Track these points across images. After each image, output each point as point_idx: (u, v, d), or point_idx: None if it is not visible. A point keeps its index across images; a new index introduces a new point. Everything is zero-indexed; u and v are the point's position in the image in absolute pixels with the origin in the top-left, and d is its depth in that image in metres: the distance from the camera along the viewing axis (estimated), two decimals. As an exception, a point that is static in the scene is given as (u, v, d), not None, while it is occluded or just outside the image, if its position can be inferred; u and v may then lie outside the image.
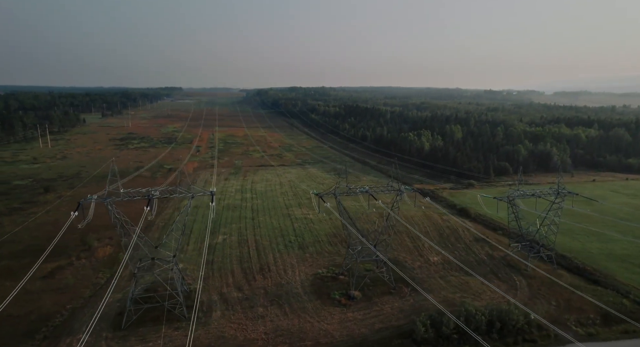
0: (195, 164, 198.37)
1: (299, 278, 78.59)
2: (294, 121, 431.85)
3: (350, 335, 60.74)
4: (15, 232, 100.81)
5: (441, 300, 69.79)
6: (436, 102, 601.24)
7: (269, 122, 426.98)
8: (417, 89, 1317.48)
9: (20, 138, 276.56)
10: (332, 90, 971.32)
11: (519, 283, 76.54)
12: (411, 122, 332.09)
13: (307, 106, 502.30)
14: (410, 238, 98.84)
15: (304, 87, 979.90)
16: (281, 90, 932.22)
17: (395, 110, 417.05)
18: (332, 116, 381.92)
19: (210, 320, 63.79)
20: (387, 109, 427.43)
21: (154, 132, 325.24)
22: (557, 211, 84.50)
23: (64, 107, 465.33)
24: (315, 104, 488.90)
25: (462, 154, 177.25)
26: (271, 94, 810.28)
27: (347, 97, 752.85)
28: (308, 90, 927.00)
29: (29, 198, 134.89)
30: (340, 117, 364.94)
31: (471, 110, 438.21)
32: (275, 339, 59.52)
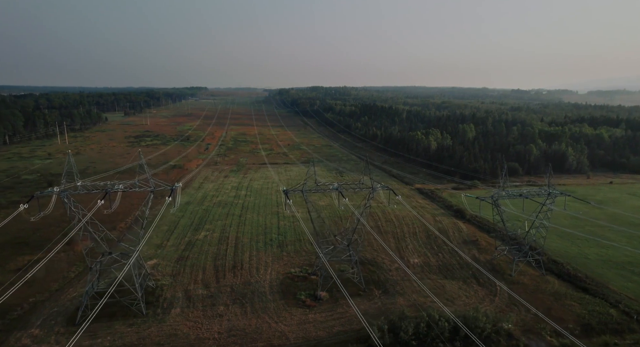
0: (200, 161, 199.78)
1: (269, 277, 76.67)
2: (308, 120, 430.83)
3: (306, 338, 58.32)
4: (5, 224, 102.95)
5: (410, 304, 66.52)
6: (458, 102, 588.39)
7: (283, 121, 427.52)
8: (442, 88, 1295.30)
9: (41, 135, 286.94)
10: (353, 90, 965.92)
11: (499, 289, 71.97)
12: (427, 122, 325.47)
13: (325, 105, 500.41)
14: (395, 239, 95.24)
15: (325, 87, 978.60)
16: (302, 90, 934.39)
17: (412, 110, 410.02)
18: (347, 115, 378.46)
19: (168, 317, 62.67)
20: (404, 108, 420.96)
21: (170, 130, 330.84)
22: (547, 212, 79.15)
23: (89, 106, 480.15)
24: (333, 104, 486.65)
25: (469, 154, 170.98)
26: (292, 94, 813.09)
27: (367, 96, 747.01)
28: (329, 89, 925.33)
29: (31, 192, 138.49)
30: (354, 116, 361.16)
31: (493, 109, 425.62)
32: (228, 339, 57.78)
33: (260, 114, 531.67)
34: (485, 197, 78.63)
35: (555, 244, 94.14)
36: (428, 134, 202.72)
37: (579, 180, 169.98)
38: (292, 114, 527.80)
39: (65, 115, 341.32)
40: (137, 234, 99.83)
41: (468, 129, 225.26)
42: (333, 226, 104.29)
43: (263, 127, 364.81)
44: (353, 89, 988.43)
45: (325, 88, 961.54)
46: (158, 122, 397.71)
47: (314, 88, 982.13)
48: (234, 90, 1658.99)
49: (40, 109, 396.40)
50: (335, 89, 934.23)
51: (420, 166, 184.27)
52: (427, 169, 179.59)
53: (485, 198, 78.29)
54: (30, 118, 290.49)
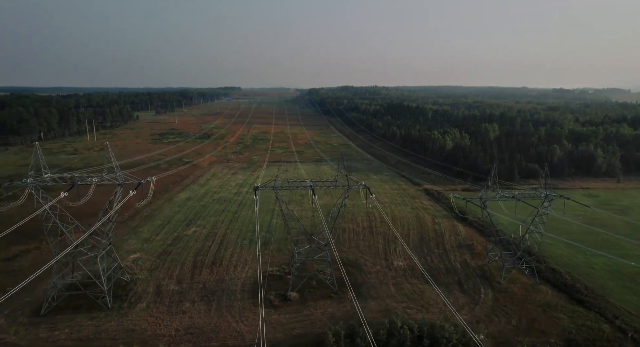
0: (214, 158, 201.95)
1: (244, 275, 75.14)
2: (333, 120, 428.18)
3: (267, 340, 56.10)
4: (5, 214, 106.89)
5: (381, 309, 63.03)
6: (490, 101, 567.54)
7: (307, 121, 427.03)
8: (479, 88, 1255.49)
9: (74, 132, 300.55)
10: (384, 90, 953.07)
11: (484, 297, 66.97)
12: (452, 121, 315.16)
13: (351, 105, 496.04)
14: (386, 240, 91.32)
15: (355, 87, 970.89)
16: (332, 90, 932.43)
17: (439, 109, 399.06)
18: (371, 115, 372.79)
19: (131, 312, 62.34)
20: (431, 108, 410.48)
21: (194, 128, 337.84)
22: (543, 217, 73.09)
23: (123, 105, 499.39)
24: (359, 103, 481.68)
25: (485, 154, 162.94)
26: (321, 94, 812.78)
27: (398, 96, 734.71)
28: (359, 89, 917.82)
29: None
30: (378, 116, 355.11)
31: (526, 109, 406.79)
32: (183, 336, 56.63)
33: (286, 113, 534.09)
34: (472, 199, 73.55)
35: (559, 251, 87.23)
36: (445, 134, 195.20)
37: (607, 184, 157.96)
38: (318, 113, 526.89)
39: (98, 114, 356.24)
40: (130, 227, 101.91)
41: (490, 128, 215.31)
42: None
43: (285, 126, 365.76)
44: (384, 89, 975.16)
45: (356, 88, 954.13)
46: (186, 120, 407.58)
47: (344, 88, 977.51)
48: (267, 90, 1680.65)
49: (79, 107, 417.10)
50: (365, 89, 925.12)
51: (433, 166, 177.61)
52: (440, 169, 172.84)
53: (472, 199, 73.25)
54: (64, 116, 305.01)
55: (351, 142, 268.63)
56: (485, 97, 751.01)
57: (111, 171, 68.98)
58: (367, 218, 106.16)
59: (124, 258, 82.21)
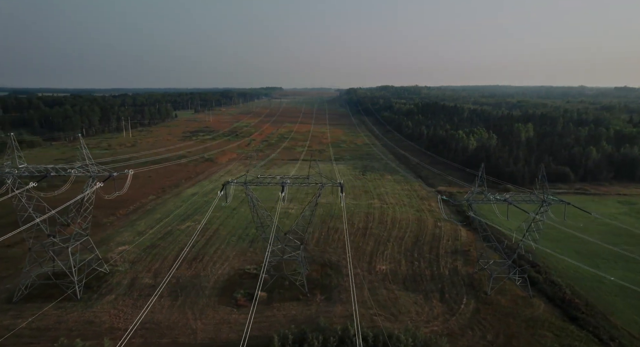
0: (235, 155, 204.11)
1: (220, 272, 73.97)
2: (366, 118, 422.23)
3: (214, 339, 54.57)
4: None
5: (347, 314, 59.39)
6: (536, 101, 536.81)
7: (339, 120, 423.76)
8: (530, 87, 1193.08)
9: (113, 129, 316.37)
10: (425, 89, 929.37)
11: (464, 307, 61.45)
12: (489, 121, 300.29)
13: (387, 104, 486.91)
14: (377, 242, 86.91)
15: (395, 86, 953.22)
16: (370, 90, 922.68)
17: (477, 109, 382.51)
18: (403, 114, 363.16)
19: (98, 303, 62.77)
20: (469, 107, 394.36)
21: (226, 127, 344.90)
22: (539, 223, 66.18)
23: (165, 103, 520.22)
24: (394, 102, 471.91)
25: (509, 156, 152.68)
26: (359, 93, 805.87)
27: (439, 95, 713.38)
28: (399, 89, 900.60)
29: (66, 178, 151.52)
30: (410, 115, 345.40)
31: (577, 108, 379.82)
32: (138, 331, 55.80)
33: (320, 112, 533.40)
34: (456, 201, 67.83)
35: (567, 262, 78.97)
36: (470, 134, 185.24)
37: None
38: (352, 113, 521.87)
39: (138, 112, 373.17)
40: (130, 220, 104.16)
41: (523, 129, 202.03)
42: (320, 224, 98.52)
43: (316, 125, 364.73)
44: (425, 88, 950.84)
45: (395, 87, 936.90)
46: (220, 119, 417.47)
47: (383, 87, 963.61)
48: (308, 91, 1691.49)
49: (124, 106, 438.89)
50: (405, 89, 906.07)
51: (454, 167, 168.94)
52: (462, 170, 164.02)
53: (456, 201, 67.59)
54: (105, 114, 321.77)
55: (377, 142, 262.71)
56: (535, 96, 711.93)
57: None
58: (364, 219, 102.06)
59: (112, 250, 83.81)
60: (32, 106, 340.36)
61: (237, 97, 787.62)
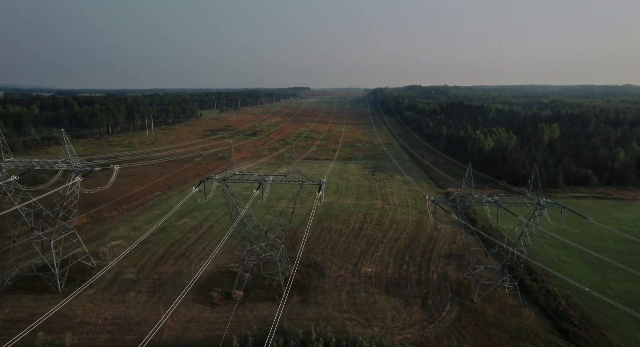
0: (248, 153, 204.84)
1: (203, 269, 73.14)
2: (389, 118, 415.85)
3: (179, 337, 53.73)
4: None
5: (319, 317, 57.30)
6: (571, 100, 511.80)
7: (361, 120, 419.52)
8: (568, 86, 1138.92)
9: (137, 127, 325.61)
10: (455, 89, 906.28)
11: (445, 315, 57.90)
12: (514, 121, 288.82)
13: (411, 104, 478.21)
14: (368, 244, 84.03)
15: (422, 86, 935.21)
16: (398, 89, 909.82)
17: (505, 109, 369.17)
18: (426, 114, 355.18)
19: (77, 296, 62.91)
20: (497, 107, 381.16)
21: (247, 126, 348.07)
22: (531, 227, 61.69)
23: (191, 103, 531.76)
24: (418, 102, 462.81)
25: (527, 157, 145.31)
26: (386, 93, 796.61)
27: (468, 95, 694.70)
28: (427, 88, 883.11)
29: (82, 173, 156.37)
30: (432, 115, 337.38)
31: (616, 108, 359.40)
32: (107, 326, 55.96)
33: (344, 112, 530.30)
34: (440, 202, 64.17)
35: (573, 269, 73.72)
36: (488, 134, 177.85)
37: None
38: (375, 112, 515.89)
39: (162, 111, 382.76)
40: (130, 215, 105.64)
41: (547, 129, 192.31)
42: (315, 224, 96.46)
43: (336, 125, 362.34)
44: (455, 88, 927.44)
45: (423, 87, 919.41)
46: (243, 118, 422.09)
47: (410, 87, 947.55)
48: (336, 90, 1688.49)
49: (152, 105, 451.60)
50: (434, 88, 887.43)
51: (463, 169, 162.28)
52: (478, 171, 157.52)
53: (439, 202, 63.93)
54: (130, 112, 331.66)
55: (395, 142, 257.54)
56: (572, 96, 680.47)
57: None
58: (362, 219, 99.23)
59: (105, 244, 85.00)
60: (65, 105, 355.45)
61: (263, 97, 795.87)
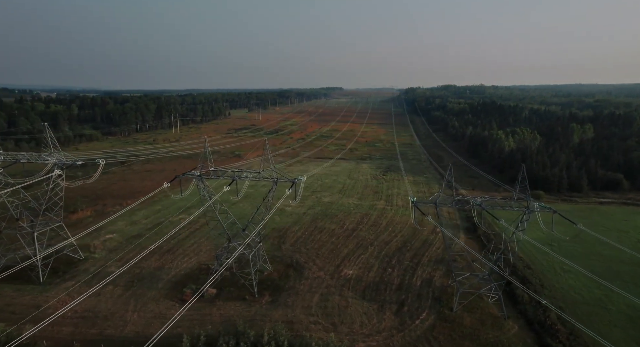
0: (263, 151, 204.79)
1: (184, 266, 73.06)
2: (416, 118, 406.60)
3: (139, 333, 53.20)
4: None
5: (285, 319, 55.12)
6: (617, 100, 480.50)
7: (388, 120, 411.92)
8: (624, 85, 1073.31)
9: (165, 125, 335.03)
10: (492, 88, 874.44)
11: (419, 323, 54.24)
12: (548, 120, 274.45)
13: (441, 104, 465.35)
14: (357, 246, 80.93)
15: (458, 86, 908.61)
16: (431, 89, 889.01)
17: (540, 108, 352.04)
18: (455, 114, 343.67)
19: (55, 289, 64.24)
20: (530, 107, 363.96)
21: (271, 124, 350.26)
22: (522, 232, 56.83)
23: (222, 103, 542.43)
24: (449, 102, 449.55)
25: (549, 159, 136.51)
26: (418, 93, 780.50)
27: (503, 94, 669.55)
28: (461, 88, 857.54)
29: (106, 168, 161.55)
30: (460, 115, 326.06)
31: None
32: (74, 319, 56.37)
33: (373, 112, 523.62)
34: (418, 202, 60.26)
35: (575, 280, 67.68)
36: (510, 134, 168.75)
37: None
38: (405, 112, 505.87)
39: (191, 110, 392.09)
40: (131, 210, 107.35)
41: (578, 129, 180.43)
42: (308, 223, 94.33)
43: (361, 125, 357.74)
44: (491, 88, 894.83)
45: (458, 87, 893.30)
46: (269, 117, 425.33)
47: (444, 87, 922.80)
48: (369, 91, 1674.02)
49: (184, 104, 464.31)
50: (469, 88, 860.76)
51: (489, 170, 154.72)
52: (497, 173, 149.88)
53: (417, 202, 60.05)
54: (159, 111, 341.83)
55: (418, 142, 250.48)
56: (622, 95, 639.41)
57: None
58: (358, 220, 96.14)
59: (99, 237, 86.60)
60: (101, 104, 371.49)
61: (294, 97, 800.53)
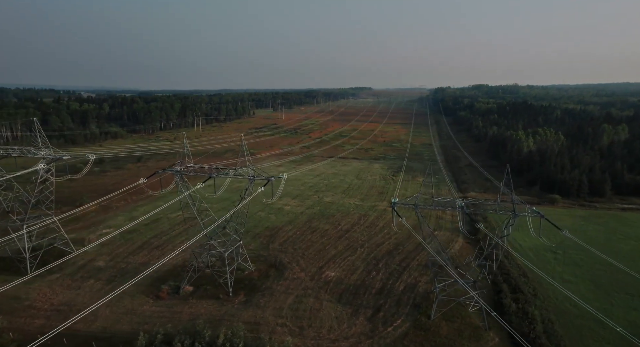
0: (278, 150, 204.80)
1: (168, 262, 72.40)
2: (442, 118, 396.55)
3: (106, 329, 53.13)
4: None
5: (252, 321, 53.64)
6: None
7: (412, 120, 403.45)
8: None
9: (189, 124, 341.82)
10: (527, 88, 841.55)
11: (391, 330, 51.34)
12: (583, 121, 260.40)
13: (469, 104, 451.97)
14: (346, 247, 78.45)
15: (490, 86, 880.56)
16: (461, 89, 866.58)
17: (574, 109, 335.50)
18: (481, 114, 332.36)
19: (40, 281, 65.03)
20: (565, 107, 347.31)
21: (292, 123, 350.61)
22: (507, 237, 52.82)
23: (247, 102, 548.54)
24: (476, 102, 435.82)
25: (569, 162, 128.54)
26: (448, 92, 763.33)
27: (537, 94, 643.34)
28: (494, 88, 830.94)
29: (121, 165, 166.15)
30: (486, 115, 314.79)
31: None
32: (48, 311, 56.91)
33: (397, 112, 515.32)
34: (397, 203, 57.07)
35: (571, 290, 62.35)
36: (531, 135, 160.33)
37: None
38: (431, 112, 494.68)
39: (215, 109, 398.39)
40: (133, 206, 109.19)
41: (609, 130, 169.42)
42: (303, 223, 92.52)
43: (383, 125, 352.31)
44: (526, 87, 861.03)
45: (490, 86, 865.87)
46: (292, 117, 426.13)
47: (476, 86, 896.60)
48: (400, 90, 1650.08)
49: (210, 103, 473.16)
50: (501, 88, 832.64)
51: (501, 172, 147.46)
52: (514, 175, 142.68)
53: (395, 203, 56.88)
54: (182, 110, 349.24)
55: (438, 142, 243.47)
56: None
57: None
58: (355, 221, 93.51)
59: (96, 231, 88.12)
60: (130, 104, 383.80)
61: (321, 96, 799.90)
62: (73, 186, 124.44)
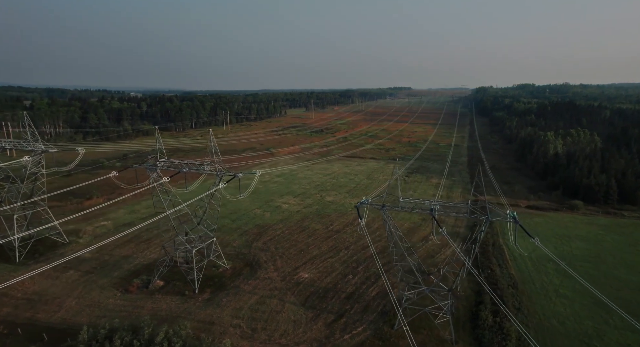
0: (298, 149, 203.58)
1: (150, 256, 73.22)
2: (478, 119, 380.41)
3: (65, 320, 53.35)
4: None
5: (207, 320, 51.94)
6: None
7: (446, 120, 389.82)
8: None
9: (219, 122, 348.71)
10: (579, 87, 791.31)
11: (347, 339, 48.03)
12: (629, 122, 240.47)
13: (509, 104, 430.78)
14: (331, 248, 75.37)
15: (537, 85, 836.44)
16: (505, 89, 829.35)
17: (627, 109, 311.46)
18: (518, 114, 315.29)
19: (25, 269, 66.76)
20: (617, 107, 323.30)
21: (321, 123, 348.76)
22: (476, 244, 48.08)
23: (281, 102, 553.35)
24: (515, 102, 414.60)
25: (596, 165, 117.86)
26: (490, 92, 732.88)
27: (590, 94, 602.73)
28: (540, 87, 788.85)
29: (139, 160, 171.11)
30: (524, 115, 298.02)
31: None
32: (18, 300, 58.10)
33: (432, 111, 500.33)
34: (362, 203, 53.22)
35: (563, 306, 56.17)
36: (562, 136, 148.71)
37: None
38: (470, 112, 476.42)
39: (246, 108, 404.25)
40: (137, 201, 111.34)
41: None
42: (295, 222, 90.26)
43: (414, 125, 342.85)
44: (579, 86, 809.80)
45: (536, 86, 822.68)
46: (322, 116, 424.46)
47: (521, 86, 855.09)
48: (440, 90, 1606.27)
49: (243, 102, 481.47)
50: (549, 87, 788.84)
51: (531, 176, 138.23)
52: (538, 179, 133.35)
53: (360, 203, 53.08)
54: (213, 109, 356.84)
55: (467, 144, 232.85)
56: None
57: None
58: (349, 221, 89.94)
59: (93, 223, 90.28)
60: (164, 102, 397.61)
61: (356, 96, 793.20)
62: (88, 178, 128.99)
